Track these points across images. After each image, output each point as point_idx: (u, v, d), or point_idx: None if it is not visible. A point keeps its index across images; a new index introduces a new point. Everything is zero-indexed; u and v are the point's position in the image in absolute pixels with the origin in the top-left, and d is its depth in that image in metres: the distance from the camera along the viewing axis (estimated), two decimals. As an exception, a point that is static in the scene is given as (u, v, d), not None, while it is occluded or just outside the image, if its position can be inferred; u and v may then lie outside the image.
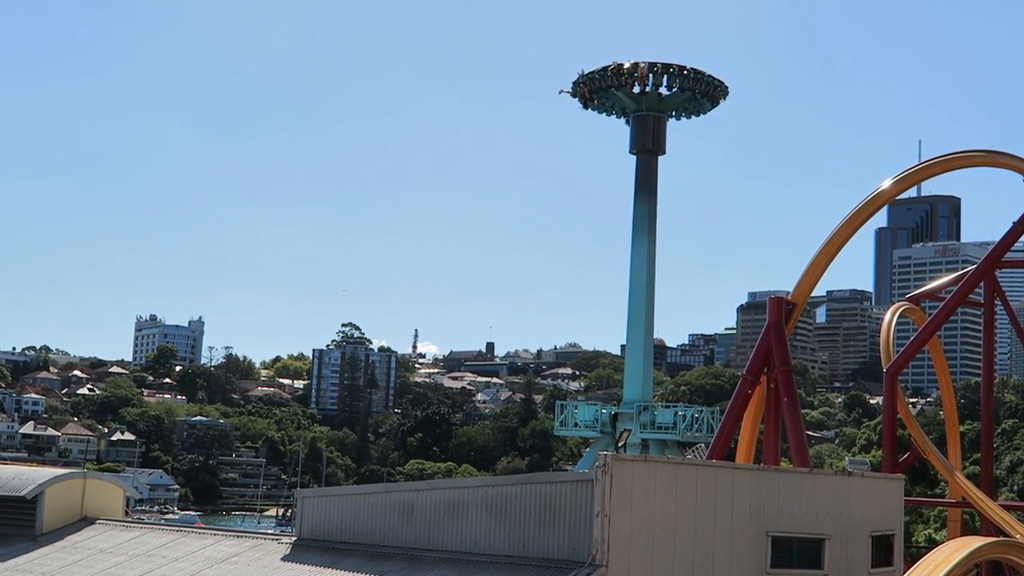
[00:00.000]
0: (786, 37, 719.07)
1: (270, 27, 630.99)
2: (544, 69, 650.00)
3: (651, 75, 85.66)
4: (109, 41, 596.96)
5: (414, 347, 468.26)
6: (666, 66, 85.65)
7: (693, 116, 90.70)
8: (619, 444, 78.03)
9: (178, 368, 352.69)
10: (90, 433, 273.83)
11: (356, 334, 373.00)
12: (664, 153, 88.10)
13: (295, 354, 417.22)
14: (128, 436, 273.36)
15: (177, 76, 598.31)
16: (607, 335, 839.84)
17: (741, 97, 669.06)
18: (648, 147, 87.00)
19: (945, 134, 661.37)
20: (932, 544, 66.85)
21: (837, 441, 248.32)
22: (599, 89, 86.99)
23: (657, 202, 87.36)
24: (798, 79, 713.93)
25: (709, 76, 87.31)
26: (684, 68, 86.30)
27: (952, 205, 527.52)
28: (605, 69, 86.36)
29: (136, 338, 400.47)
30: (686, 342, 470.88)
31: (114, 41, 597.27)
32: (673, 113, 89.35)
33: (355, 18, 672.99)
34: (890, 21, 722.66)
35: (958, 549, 34.01)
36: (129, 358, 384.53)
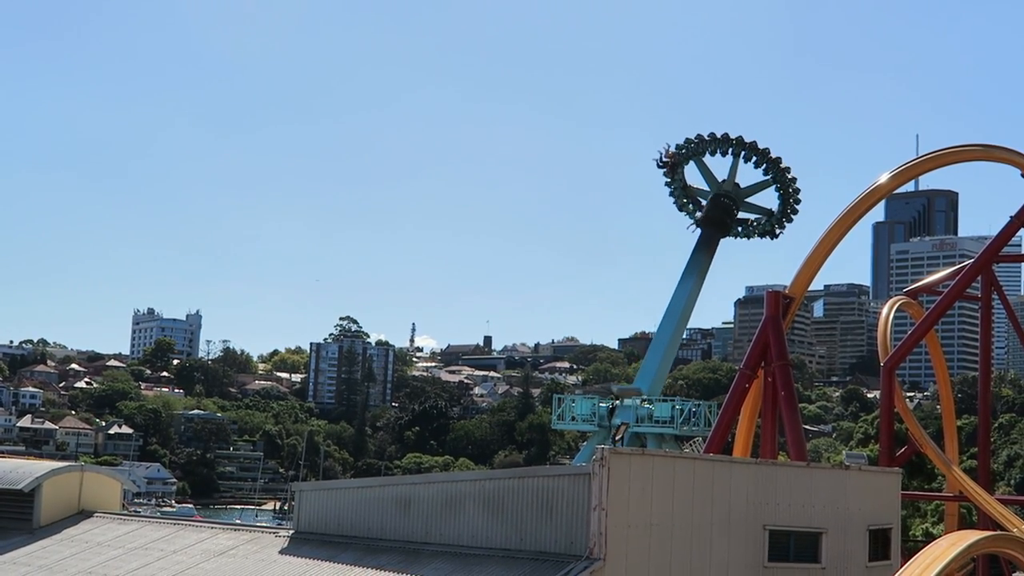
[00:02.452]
0: (782, 32, 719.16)
1: (267, 19, 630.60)
2: (549, 68, 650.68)
3: (743, 152, 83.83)
4: (106, 34, 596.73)
5: (411, 341, 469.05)
6: (759, 149, 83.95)
7: (757, 236, 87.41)
8: (616, 438, 77.88)
9: (175, 362, 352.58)
10: (87, 426, 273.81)
11: (353, 328, 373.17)
12: (728, 235, 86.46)
13: (292, 348, 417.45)
14: (125, 429, 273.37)
15: (174, 69, 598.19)
16: (604, 329, 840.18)
17: (738, 93, 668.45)
18: (717, 219, 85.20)
19: (943, 128, 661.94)
20: (929, 538, 67.01)
21: (834, 435, 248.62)
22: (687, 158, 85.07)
23: (712, 259, 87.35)
24: (794, 74, 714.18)
25: (793, 177, 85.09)
26: (777, 158, 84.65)
27: (950, 199, 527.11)
28: (698, 141, 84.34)
29: (133, 332, 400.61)
30: (683, 336, 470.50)
31: (110, 34, 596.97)
32: (739, 225, 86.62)
33: (352, 11, 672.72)
34: (887, 16, 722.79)
35: (955, 543, 33.99)
36: (126, 351, 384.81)
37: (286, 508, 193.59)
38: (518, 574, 28.57)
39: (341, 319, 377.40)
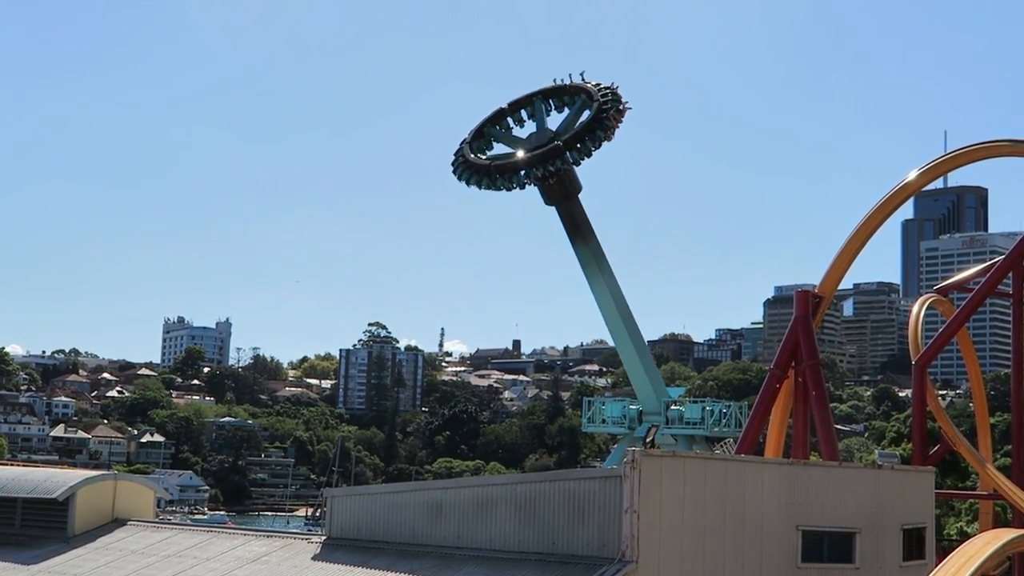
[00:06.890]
0: (808, 29, 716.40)
1: (295, 25, 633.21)
2: (571, 69, 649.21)
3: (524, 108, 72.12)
4: (136, 41, 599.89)
5: (441, 345, 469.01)
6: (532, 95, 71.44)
7: (589, 154, 70.27)
8: (647, 440, 77.62)
9: (206, 369, 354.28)
10: (120, 435, 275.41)
11: (383, 333, 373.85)
12: (581, 190, 73.62)
13: (322, 354, 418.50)
14: (157, 438, 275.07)
15: (204, 76, 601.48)
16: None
17: (764, 89, 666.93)
18: (558, 195, 72.39)
19: (971, 124, 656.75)
20: (964, 537, 66.48)
21: (866, 434, 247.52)
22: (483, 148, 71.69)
23: (597, 238, 76.32)
24: (822, 72, 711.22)
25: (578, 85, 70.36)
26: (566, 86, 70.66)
27: (979, 196, 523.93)
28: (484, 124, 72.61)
29: (164, 340, 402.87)
30: (713, 337, 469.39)
31: (141, 41, 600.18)
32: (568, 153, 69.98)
33: (379, 15, 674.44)
34: (914, 12, 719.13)
35: (990, 542, 33.80)
36: (157, 360, 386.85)
37: (318, 514, 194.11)
38: (551, 577, 28.55)
39: (370, 325, 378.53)
